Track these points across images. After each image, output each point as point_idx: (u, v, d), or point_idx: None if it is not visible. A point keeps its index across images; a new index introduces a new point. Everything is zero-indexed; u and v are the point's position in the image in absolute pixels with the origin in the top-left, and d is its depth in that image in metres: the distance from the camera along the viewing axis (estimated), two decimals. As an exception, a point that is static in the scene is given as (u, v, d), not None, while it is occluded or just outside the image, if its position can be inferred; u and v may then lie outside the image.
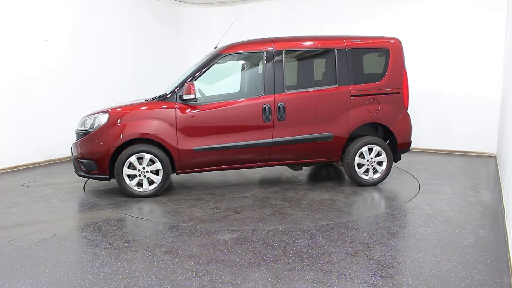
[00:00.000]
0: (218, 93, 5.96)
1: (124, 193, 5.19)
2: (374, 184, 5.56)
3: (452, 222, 4.14)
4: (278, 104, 5.25)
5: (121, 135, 5.02)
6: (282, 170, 6.57)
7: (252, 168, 5.76)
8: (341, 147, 5.50)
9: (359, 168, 5.51)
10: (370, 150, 5.51)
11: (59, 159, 7.59)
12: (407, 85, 5.61)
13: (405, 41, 7.86)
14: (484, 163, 7.13)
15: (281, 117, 5.26)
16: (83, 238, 3.84)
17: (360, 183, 5.55)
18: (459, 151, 8.09)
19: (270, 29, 8.70)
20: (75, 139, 5.35)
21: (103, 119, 5.08)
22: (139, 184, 5.13)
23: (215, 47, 5.74)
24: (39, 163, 7.25)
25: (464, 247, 3.52)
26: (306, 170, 6.63)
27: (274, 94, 5.28)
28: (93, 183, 5.90)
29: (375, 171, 5.58)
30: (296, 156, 5.48)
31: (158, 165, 5.08)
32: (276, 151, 5.35)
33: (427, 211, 4.52)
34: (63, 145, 7.56)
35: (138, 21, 9.09)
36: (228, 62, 5.88)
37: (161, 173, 5.11)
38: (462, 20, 7.77)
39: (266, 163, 5.44)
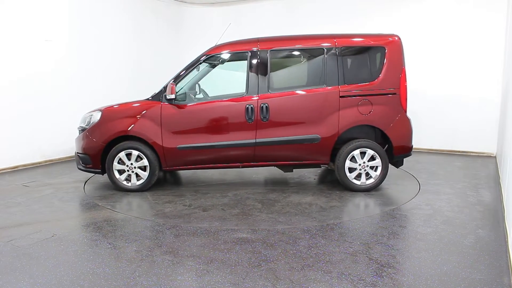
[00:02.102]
0: (222, 94, 5.97)
1: (114, 187, 5.46)
2: (367, 190, 5.28)
3: (452, 222, 4.14)
4: (261, 105, 5.20)
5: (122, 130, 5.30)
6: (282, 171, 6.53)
7: (238, 168, 5.78)
8: (329, 149, 5.28)
9: (350, 172, 5.27)
10: (363, 154, 5.23)
11: (59, 159, 7.59)
12: (405, 86, 5.28)
13: (406, 42, 7.87)
14: (484, 163, 7.13)
15: (264, 117, 5.20)
16: (83, 238, 3.84)
17: (351, 189, 5.30)
18: (459, 151, 8.09)
19: (270, 29, 8.69)
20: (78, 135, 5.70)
21: (97, 116, 5.44)
22: (128, 179, 5.40)
23: None
24: (39, 163, 7.25)
25: (464, 247, 3.52)
26: (312, 172, 6.61)
27: (258, 94, 5.25)
28: (93, 184, 5.90)
29: (368, 176, 5.30)
30: (281, 157, 5.35)
31: (145, 162, 5.31)
32: (260, 152, 5.29)
33: (427, 211, 4.52)
34: (63, 145, 7.59)
35: (138, 21, 9.09)
36: (236, 62, 5.93)
37: (148, 169, 5.33)
38: (462, 20, 7.77)
39: (251, 163, 5.40)
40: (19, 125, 6.87)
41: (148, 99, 5.45)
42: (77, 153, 5.59)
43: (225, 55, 5.56)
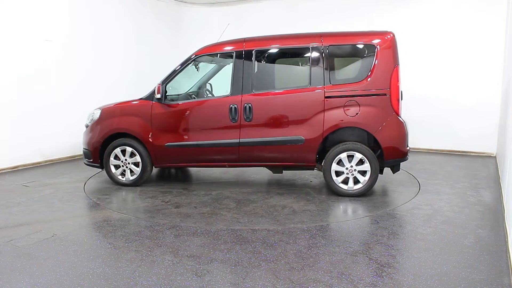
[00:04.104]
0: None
1: (112, 182, 5.79)
2: (354, 195, 5.02)
3: (452, 222, 4.13)
4: (245, 105, 5.18)
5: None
6: (286, 172, 6.40)
7: (225, 167, 5.81)
8: (314, 151, 5.10)
9: (337, 176, 5.04)
10: (351, 157, 4.99)
11: (59, 159, 7.59)
12: (397, 86, 4.93)
13: (407, 43, 7.87)
14: (484, 163, 7.13)
15: (248, 117, 5.18)
16: (83, 238, 3.84)
17: (338, 193, 5.08)
18: (459, 151, 8.09)
19: (270, 29, 8.67)
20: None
21: (97, 114, 5.79)
22: (123, 174, 5.71)
23: None
24: (39, 163, 7.25)
25: (464, 247, 3.52)
26: (313, 174, 6.52)
27: (242, 94, 5.23)
28: (93, 184, 5.91)
29: (356, 181, 5.04)
30: (266, 158, 5.28)
31: (138, 158, 5.58)
32: (244, 152, 5.28)
33: (427, 211, 4.52)
34: (63, 145, 7.59)
35: (138, 21, 9.09)
36: (225, 62, 6.00)
37: (140, 165, 5.58)
38: (463, 22, 7.78)
39: (236, 163, 5.41)
40: (19, 125, 6.87)
41: (141, 98, 5.67)
42: (83, 148, 5.92)
43: (214, 55, 5.65)
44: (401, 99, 5.06)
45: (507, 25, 7.09)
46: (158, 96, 5.37)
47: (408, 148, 5.12)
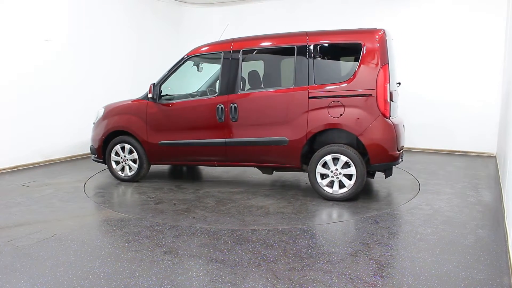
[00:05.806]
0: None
1: (110, 179, 6.04)
2: (339, 199, 4.81)
3: (452, 222, 4.13)
4: (231, 105, 5.19)
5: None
6: (282, 174, 6.33)
7: (214, 166, 5.70)
8: (298, 153, 4.97)
9: (322, 178, 4.90)
10: (337, 160, 4.80)
11: (59, 159, 7.59)
12: (385, 87, 4.65)
13: (407, 44, 7.88)
14: (484, 163, 7.13)
15: (233, 117, 5.19)
16: (83, 238, 3.83)
17: (323, 196, 4.91)
18: (459, 151, 8.09)
19: (270, 29, 8.64)
20: None
21: (101, 113, 6.11)
22: (123, 170, 5.95)
23: None
24: (39, 163, 7.25)
25: (464, 247, 3.52)
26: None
27: (228, 94, 5.25)
28: (93, 183, 5.91)
29: (342, 185, 4.84)
30: (251, 158, 5.26)
31: (135, 155, 5.80)
32: (230, 152, 5.31)
33: (427, 211, 4.52)
34: (63, 145, 7.59)
35: (138, 21, 9.09)
36: (216, 62, 6.04)
37: (137, 161, 5.80)
38: (463, 23, 7.78)
39: (225, 162, 5.44)
40: (19, 125, 6.87)
41: (139, 98, 5.89)
42: (90, 144, 6.22)
43: (204, 56, 5.71)
44: (391, 100, 4.79)
45: (507, 25, 7.09)
46: (150, 95, 5.56)
47: (399, 152, 4.90)
